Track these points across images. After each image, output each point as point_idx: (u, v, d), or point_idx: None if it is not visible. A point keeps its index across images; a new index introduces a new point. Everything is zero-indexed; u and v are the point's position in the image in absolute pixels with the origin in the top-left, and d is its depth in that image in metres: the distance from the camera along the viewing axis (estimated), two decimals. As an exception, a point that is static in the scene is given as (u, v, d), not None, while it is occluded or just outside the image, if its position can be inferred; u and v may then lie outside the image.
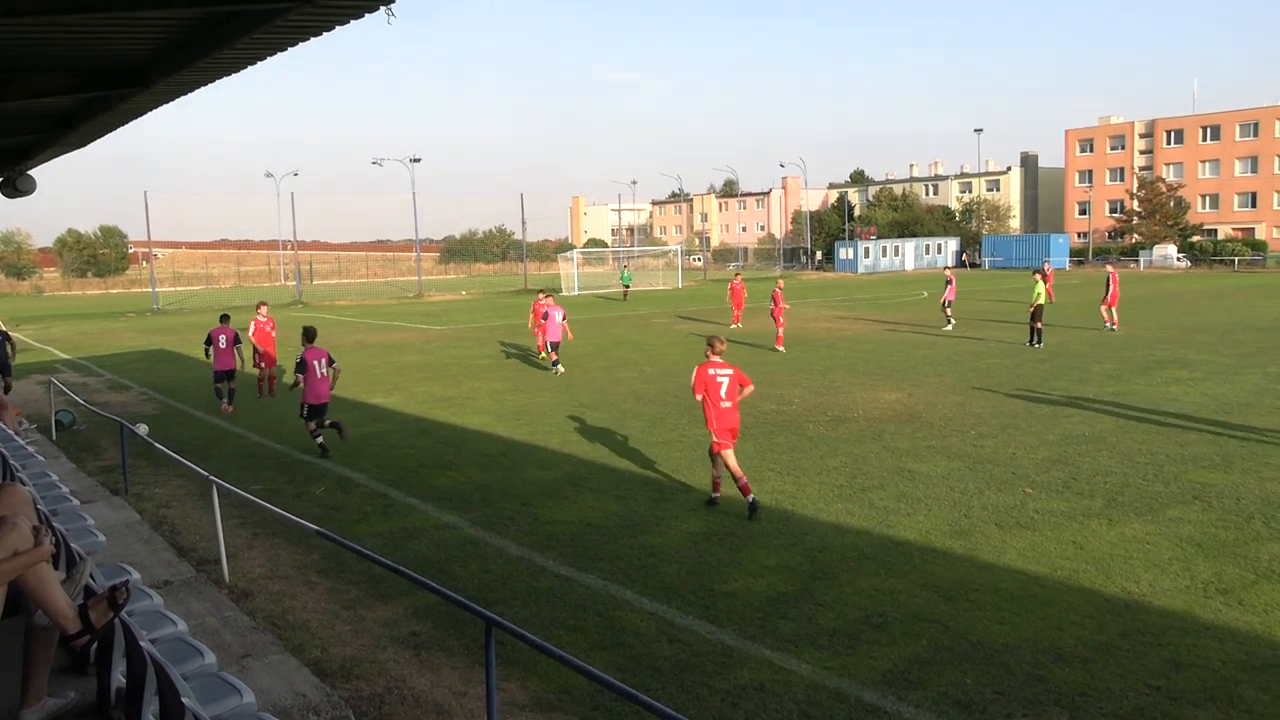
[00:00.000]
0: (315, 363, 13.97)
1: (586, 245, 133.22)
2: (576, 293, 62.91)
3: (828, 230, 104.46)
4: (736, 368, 10.42)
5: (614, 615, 7.77)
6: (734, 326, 31.96)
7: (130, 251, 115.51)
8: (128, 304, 62.29)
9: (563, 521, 10.27)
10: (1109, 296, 27.51)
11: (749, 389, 10.39)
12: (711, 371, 10.39)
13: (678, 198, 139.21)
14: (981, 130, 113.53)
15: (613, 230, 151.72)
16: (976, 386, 17.87)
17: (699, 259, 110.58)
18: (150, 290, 61.16)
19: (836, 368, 20.90)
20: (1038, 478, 11.37)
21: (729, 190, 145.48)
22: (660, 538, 9.67)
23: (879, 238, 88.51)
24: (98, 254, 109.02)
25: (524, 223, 72.80)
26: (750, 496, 10.14)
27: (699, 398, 10.38)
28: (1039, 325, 24.03)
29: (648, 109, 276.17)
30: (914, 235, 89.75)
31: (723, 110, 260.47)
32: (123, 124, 9.36)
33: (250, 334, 21.67)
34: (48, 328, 44.26)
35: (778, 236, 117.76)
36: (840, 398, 17.24)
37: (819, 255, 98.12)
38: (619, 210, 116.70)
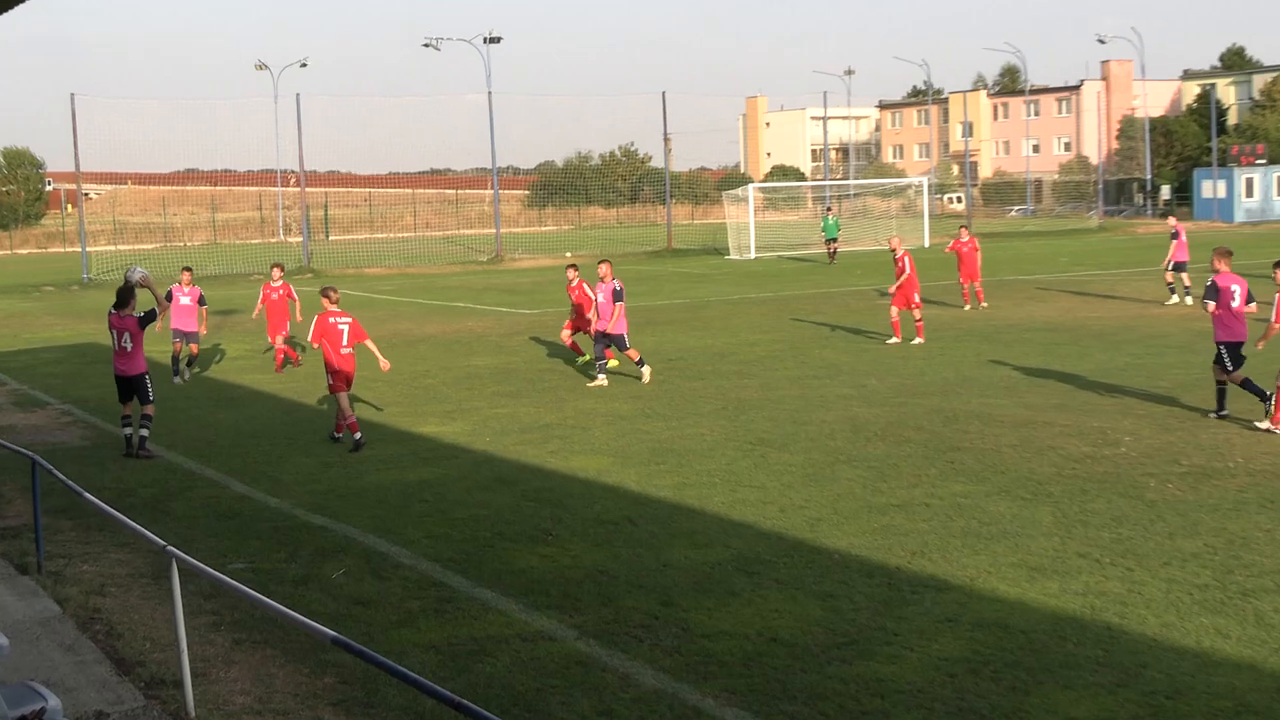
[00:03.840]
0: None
1: (770, 177, 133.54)
2: (753, 255, 63.13)
3: (1181, 150, 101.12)
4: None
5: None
6: (966, 308, 33.69)
7: (48, 189, 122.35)
8: (43, 272, 66.01)
9: (730, 634, 10.22)
10: None
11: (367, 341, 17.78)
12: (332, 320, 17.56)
13: (922, 97, 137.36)
14: None
15: (814, 152, 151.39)
16: None
17: (958, 199, 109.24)
18: (78, 250, 64.44)
19: (1197, 383, 20.17)
20: None
21: (1009, 84, 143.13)
22: (893, 665, 9.50)
23: (1271, 161, 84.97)
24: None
25: (667, 141, 73.56)
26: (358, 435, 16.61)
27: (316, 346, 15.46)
28: None
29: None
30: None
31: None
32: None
33: (258, 308, 26.95)
34: (-77, 311, 47.19)
35: (1093, 161, 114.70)
36: (1204, 436, 16.66)
37: (1165, 193, 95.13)
38: (823, 119, 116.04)
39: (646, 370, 22.78)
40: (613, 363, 24.50)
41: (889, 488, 14.56)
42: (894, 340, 26.91)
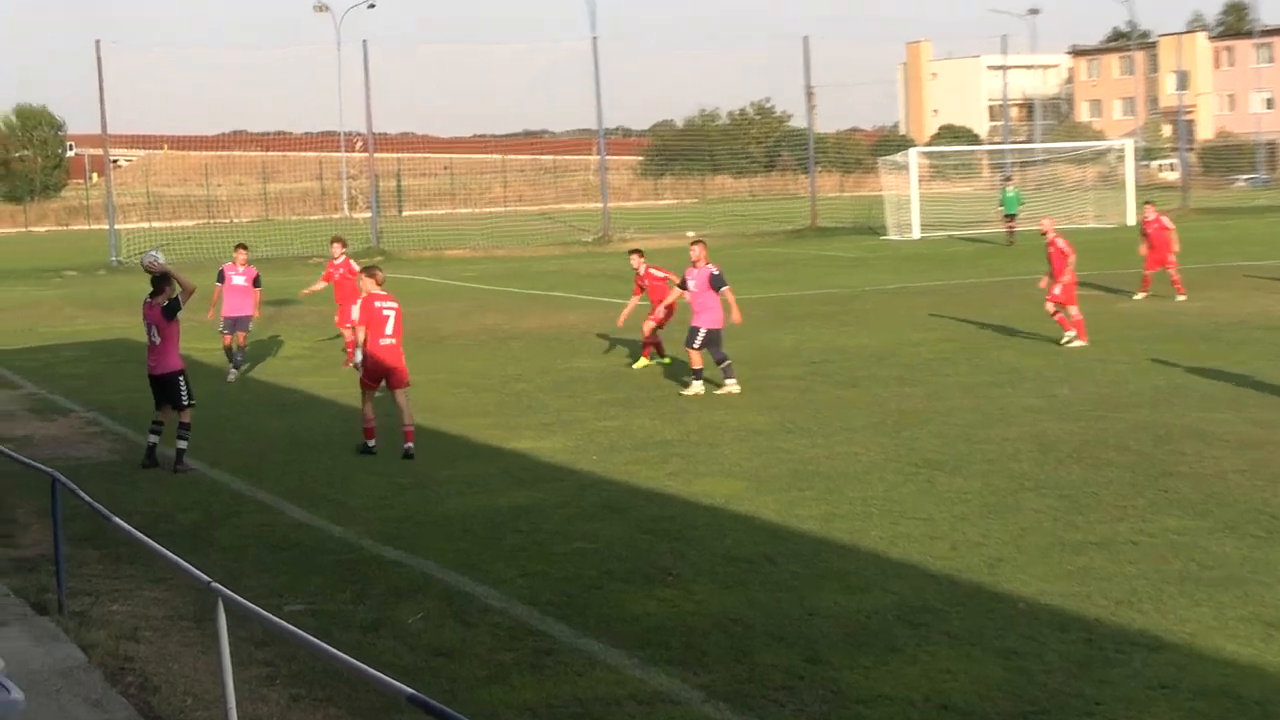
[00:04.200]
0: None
1: (937, 139, 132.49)
2: (916, 234, 62.70)
3: None
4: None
5: None
6: (1138, 297, 34.01)
7: (69, 154, 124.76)
8: (64, 254, 67.45)
9: (890, 699, 10.12)
10: None
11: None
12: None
13: (1125, 41, 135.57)
14: None
15: (990, 109, 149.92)
16: None
17: (1170, 166, 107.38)
18: (105, 228, 65.70)
19: None
20: None
21: (1235, 24, 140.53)
22: (1095, 743, 9.32)
23: None
24: (10, 160, 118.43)
25: (810, 95, 73.35)
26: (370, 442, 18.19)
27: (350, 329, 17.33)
28: None
29: None
30: None
31: None
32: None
33: (311, 288, 28.98)
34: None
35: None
36: None
37: None
38: (1002, 69, 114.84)
39: (697, 386, 22.69)
40: (641, 362, 25.40)
41: (1086, 521, 14.34)
42: (1072, 339, 26.53)
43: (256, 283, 26.37)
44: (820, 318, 32.65)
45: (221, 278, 26.73)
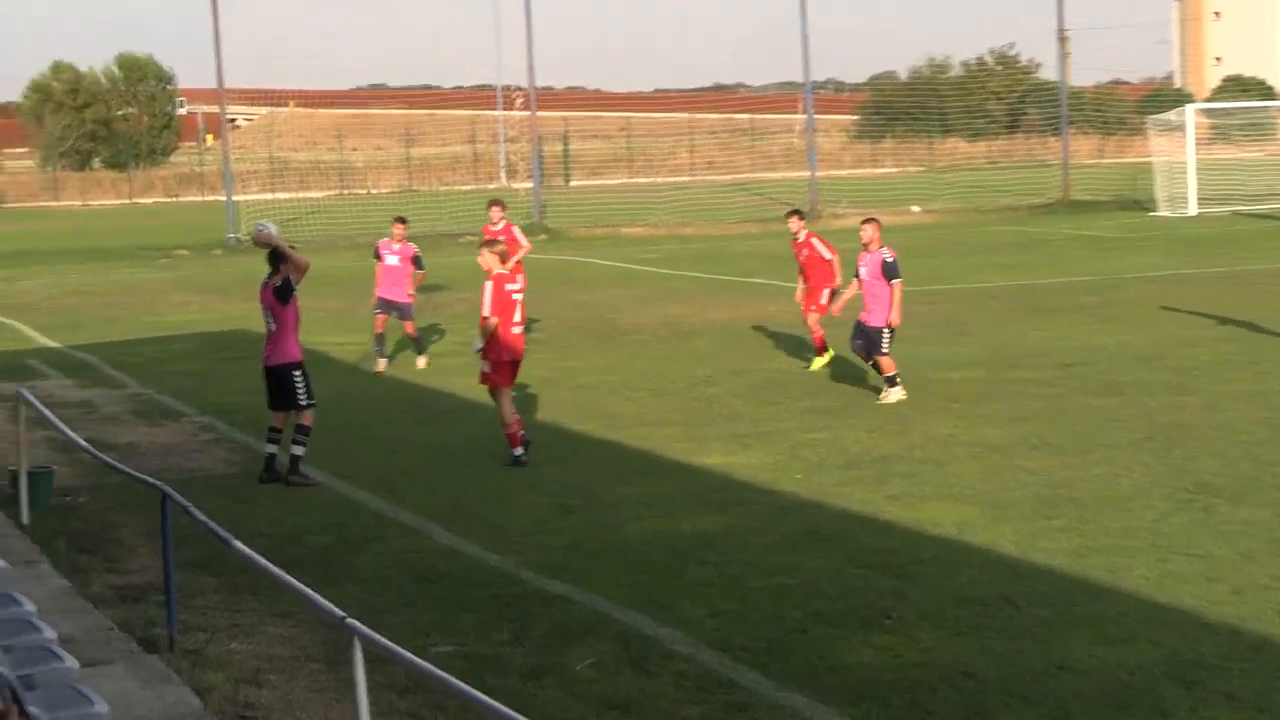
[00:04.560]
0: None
1: (1221, 94, 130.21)
2: (1193, 210, 61.68)
3: None
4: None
5: None
6: None
7: (180, 112, 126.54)
8: (174, 229, 68.55)
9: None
10: None
11: None
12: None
13: None
14: None
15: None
16: None
17: None
18: (222, 199, 66.79)
19: None
20: None
21: None
22: None
23: None
24: (112, 120, 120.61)
25: (1063, 40, 72.60)
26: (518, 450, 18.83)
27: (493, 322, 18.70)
28: None
29: None
30: None
31: None
32: None
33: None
34: (12, 280, 49.64)
35: None
36: None
37: None
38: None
39: (895, 393, 22.57)
40: (818, 361, 25.34)
41: None
42: None
43: (416, 263, 27.45)
44: (1074, 311, 32.34)
45: (377, 254, 28.01)
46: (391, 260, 27.26)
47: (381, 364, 26.94)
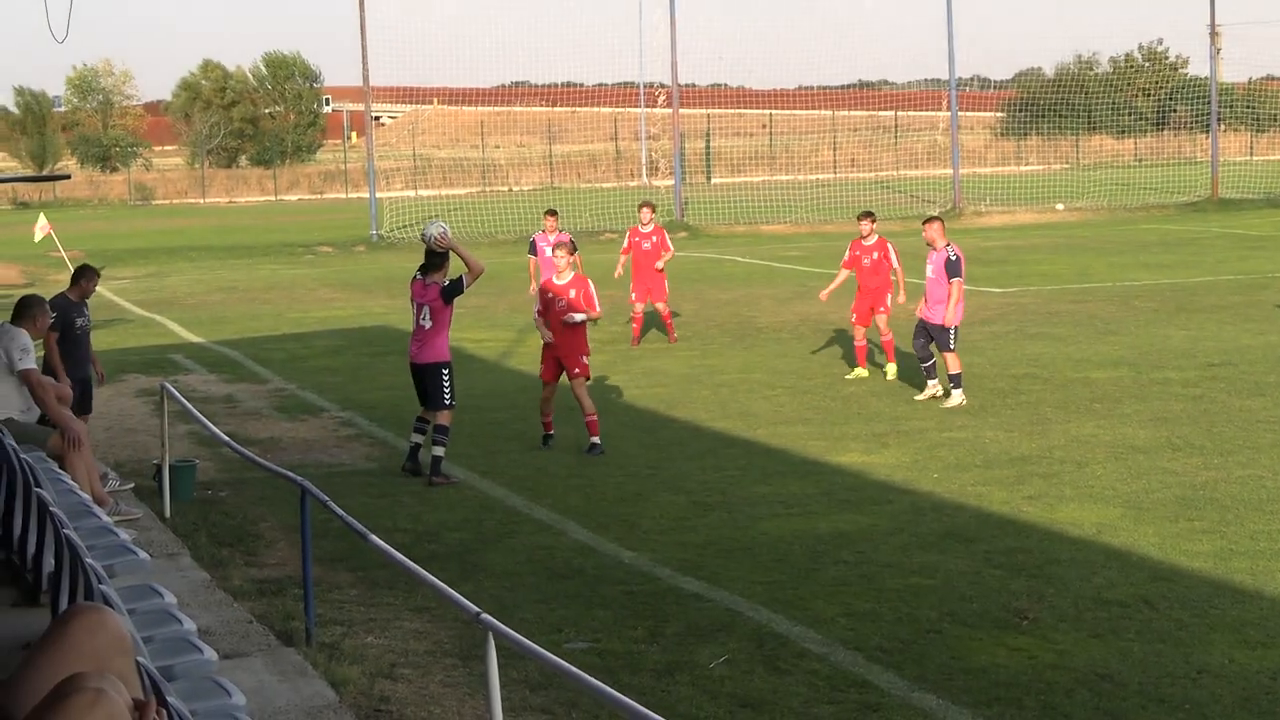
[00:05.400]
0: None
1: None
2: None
3: None
4: None
5: None
6: None
7: (325, 110, 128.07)
8: (318, 226, 69.35)
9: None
10: None
11: None
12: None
13: None
14: None
15: None
16: None
17: None
18: (365, 196, 67.45)
19: None
20: None
21: None
22: None
23: None
24: (259, 118, 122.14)
25: (1215, 36, 71.87)
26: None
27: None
28: None
29: None
30: None
31: None
32: None
33: (620, 264, 30.29)
34: (160, 275, 50.41)
35: None
36: None
37: None
38: None
39: (957, 395, 22.56)
40: (890, 369, 25.25)
41: None
42: None
43: (573, 249, 27.25)
44: (1222, 310, 31.97)
45: (533, 249, 28.94)
46: (550, 252, 27.34)
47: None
